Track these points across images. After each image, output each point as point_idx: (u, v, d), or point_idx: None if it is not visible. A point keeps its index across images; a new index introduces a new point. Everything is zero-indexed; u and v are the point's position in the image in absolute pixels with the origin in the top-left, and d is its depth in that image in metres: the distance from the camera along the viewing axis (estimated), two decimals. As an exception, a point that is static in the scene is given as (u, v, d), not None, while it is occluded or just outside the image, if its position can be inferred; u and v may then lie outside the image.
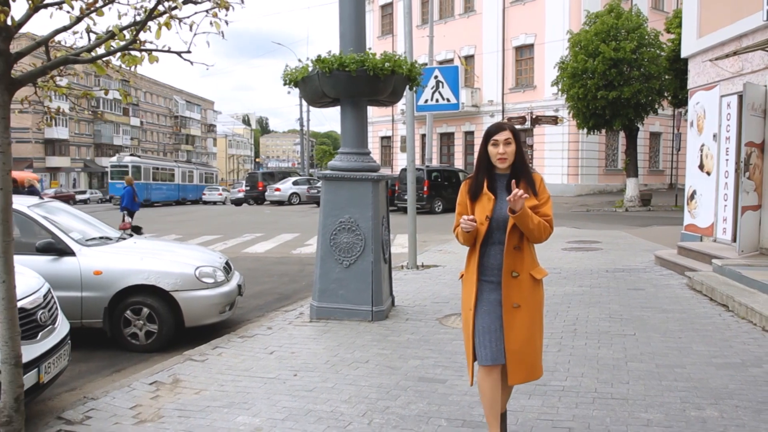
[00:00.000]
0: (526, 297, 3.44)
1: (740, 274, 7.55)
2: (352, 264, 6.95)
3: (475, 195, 3.49)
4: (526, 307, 3.43)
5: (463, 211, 3.52)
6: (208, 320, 6.81)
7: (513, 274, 3.41)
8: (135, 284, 6.50)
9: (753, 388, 4.63)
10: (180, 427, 4.20)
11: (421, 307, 7.69)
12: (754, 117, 8.44)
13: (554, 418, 4.17)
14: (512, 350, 3.40)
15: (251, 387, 4.97)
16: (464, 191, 3.55)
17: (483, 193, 3.45)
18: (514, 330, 3.40)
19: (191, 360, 5.74)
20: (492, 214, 3.41)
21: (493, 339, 3.42)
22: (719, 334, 6.12)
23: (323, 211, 7.07)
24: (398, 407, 4.43)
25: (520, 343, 3.41)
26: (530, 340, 3.45)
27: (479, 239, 3.46)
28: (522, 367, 3.43)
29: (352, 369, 5.33)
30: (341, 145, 7.34)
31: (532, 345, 3.46)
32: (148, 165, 46.90)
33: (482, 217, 3.42)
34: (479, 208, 3.46)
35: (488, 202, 3.43)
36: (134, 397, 4.83)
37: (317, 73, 6.67)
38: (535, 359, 3.50)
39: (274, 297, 9.23)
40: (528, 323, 3.43)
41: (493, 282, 3.46)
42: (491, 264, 3.46)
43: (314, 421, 4.22)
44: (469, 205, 3.51)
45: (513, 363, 3.42)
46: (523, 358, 3.42)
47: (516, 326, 3.40)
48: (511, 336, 3.40)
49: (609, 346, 5.82)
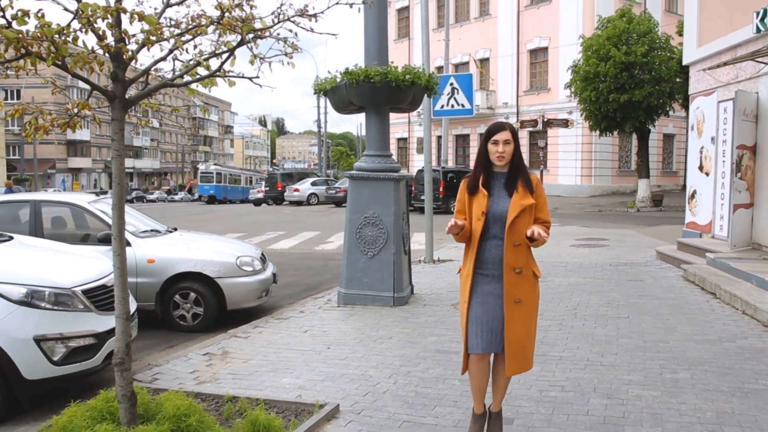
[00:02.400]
0: (527, 293, 3.58)
1: (729, 266, 8.26)
2: (375, 255, 7.74)
3: (473, 191, 3.63)
4: (526, 303, 3.57)
5: (462, 208, 3.68)
6: (248, 304, 7.64)
7: (516, 271, 3.53)
8: (183, 271, 7.33)
9: (723, 357, 5.39)
10: (235, 386, 5.00)
11: (437, 295, 8.46)
12: (745, 122, 9.14)
13: (550, 379, 4.95)
14: (512, 342, 3.54)
15: (291, 357, 5.77)
16: (463, 188, 3.70)
17: (479, 190, 3.60)
18: (515, 324, 3.53)
19: (235, 337, 6.55)
20: (488, 210, 3.56)
21: (485, 329, 3.56)
22: (703, 317, 6.86)
23: (350, 208, 7.87)
24: (419, 372, 5.22)
25: (520, 337, 3.55)
26: (528, 334, 3.61)
27: (476, 234, 3.59)
28: (519, 360, 3.57)
29: (378, 343, 6.13)
30: (366, 147, 8.14)
31: (530, 339, 3.64)
32: (226, 172, 55.75)
33: (479, 213, 3.57)
34: (476, 204, 3.60)
35: (484, 198, 3.57)
36: (191, 364, 5.65)
37: (345, 84, 7.48)
38: (530, 352, 3.67)
39: (302, 288, 10.04)
40: (527, 318, 3.59)
41: (488, 275, 3.59)
42: (487, 258, 3.59)
43: (348, 382, 5.02)
44: (467, 201, 3.66)
45: (511, 355, 3.55)
46: (520, 350, 3.57)
47: (516, 320, 3.54)
48: (513, 329, 3.53)
49: (604, 326, 6.58)
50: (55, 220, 7.94)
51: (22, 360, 4.36)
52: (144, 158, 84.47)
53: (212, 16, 3.43)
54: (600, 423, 4.08)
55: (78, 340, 4.68)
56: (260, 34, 3.28)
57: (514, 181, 3.57)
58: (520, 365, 3.59)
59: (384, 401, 4.57)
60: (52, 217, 7.89)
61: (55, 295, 4.65)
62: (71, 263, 5.38)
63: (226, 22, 3.18)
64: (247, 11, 3.21)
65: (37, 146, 59.07)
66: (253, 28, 3.21)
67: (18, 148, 60.68)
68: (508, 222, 3.50)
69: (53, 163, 65.54)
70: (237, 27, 3.22)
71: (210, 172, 54.31)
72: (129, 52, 3.35)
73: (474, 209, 3.60)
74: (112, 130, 3.47)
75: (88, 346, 4.74)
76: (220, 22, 3.21)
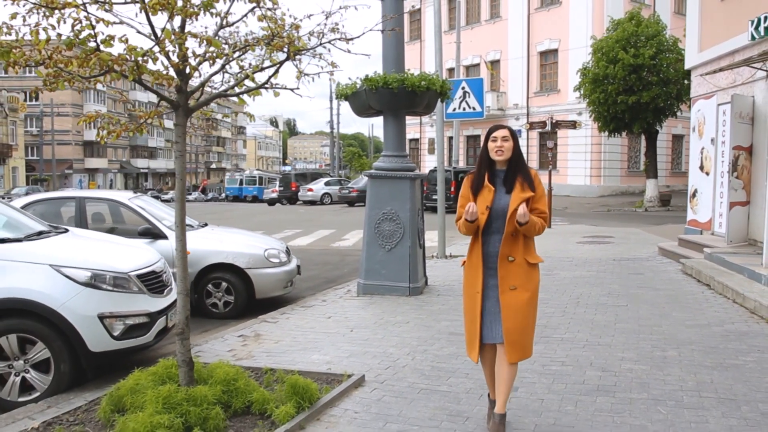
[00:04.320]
0: (521, 280, 3.72)
1: (724, 260, 8.81)
2: (392, 248, 8.35)
3: (477, 188, 3.80)
4: (522, 289, 3.71)
5: (465, 204, 3.78)
6: (274, 293, 8.27)
7: (509, 259, 3.71)
8: (216, 262, 7.97)
9: (710, 339, 5.96)
10: (269, 361, 5.61)
11: (450, 286, 9.05)
12: (741, 124, 9.67)
13: (552, 356, 5.53)
14: (509, 329, 3.69)
15: (318, 338, 6.38)
16: (467, 185, 3.85)
17: (484, 186, 3.76)
18: (511, 310, 3.69)
19: (265, 322, 7.17)
20: (492, 205, 3.73)
21: (494, 320, 3.76)
22: (697, 305, 7.42)
23: (369, 204, 8.48)
24: (434, 350, 5.83)
25: (517, 323, 3.69)
26: (525, 320, 3.74)
27: (480, 229, 3.77)
28: (517, 346, 3.72)
29: (396, 327, 6.73)
30: (383, 149, 8.76)
31: (528, 325, 3.77)
32: (264, 175, 59.55)
33: (483, 208, 3.73)
34: (480, 199, 3.76)
35: (488, 194, 3.74)
36: (228, 344, 6.27)
37: (365, 89, 8.09)
38: (529, 339, 3.81)
39: (322, 281, 10.65)
40: (524, 304, 3.71)
41: (492, 268, 3.77)
42: (491, 251, 3.77)
43: (371, 358, 5.62)
44: (471, 198, 3.81)
45: (510, 342, 3.70)
46: (518, 337, 3.71)
47: (513, 307, 3.69)
48: (509, 316, 3.68)
49: (604, 313, 7.15)
50: (95, 215, 8.60)
51: (88, 334, 4.99)
52: (158, 159, 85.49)
53: (260, 36, 4.05)
54: (594, 390, 4.67)
55: (134, 318, 5.31)
56: (303, 53, 3.89)
57: (513, 177, 3.75)
58: (521, 352, 3.74)
59: (404, 373, 5.17)
60: (92, 212, 8.55)
61: (114, 278, 5.28)
62: (123, 252, 6.02)
63: (276, 44, 3.79)
64: (294, 35, 3.82)
65: (55, 147, 60.20)
66: (298, 49, 3.82)
67: (36, 149, 61.83)
68: (509, 214, 3.67)
69: (70, 163, 66.63)
70: (284, 47, 3.83)
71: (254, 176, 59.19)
72: (192, 69, 3.96)
73: (478, 205, 3.75)
74: (176, 134, 4.11)
75: (142, 324, 5.37)
76: (270, 44, 3.82)
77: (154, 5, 3.32)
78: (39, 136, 60.48)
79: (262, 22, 3.74)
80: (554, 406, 4.38)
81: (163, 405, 3.97)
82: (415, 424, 4.12)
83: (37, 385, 4.97)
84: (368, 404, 4.49)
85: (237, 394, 4.33)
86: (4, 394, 4.91)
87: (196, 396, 4.08)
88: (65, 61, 3.72)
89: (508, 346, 3.71)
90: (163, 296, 5.80)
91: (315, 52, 3.96)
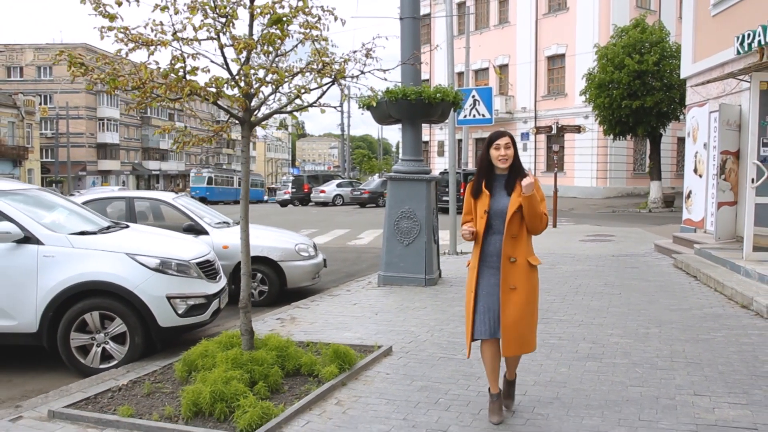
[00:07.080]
0: (522, 280, 3.91)
1: (710, 254, 9.68)
2: (410, 243, 9.27)
3: (477, 193, 4.02)
4: (522, 289, 3.90)
5: (469, 209, 4.07)
6: (303, 284, 9.21)
7: (511, 260, 3.88)
8: (252, 256, 8.87)
9: (689, 320, 6.86)
10: (308, 338, 6.51)
11: (461, 279, 9.96)
12: (729, 131, 10.54)
13: (551, 333, 6.44)
14: (506, 326, 3.90)
15: (347, 320, 7.31)
16: (468, 192, 4.07)
17: (482, 192, 3.98)
18: (509, 308, 3.89)
19: (298, 308, 8.11)
20: (490, 208, 3.94)
21: (492, 318, 3.96)
22: (682, 293, 8.32)
23: (389, 204, 9.41)
24: (449, 329, 6.74)
25: (514, 320, 3.90)
26: (523, 318, 3.93)
27: (480, 230, 3.97)
28: (514, 342, 3.94)
29: (415, 311, 7.66)
30: (401, 153, 9.70)
31: (526, 322, 3.96)
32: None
33: (482, 212, 3.95)
34: (480, 204, 3.98)
35: (486, 198, 3.95)
36: (269, 325, 7.20)
37: (386, 101, 9.01)
38: (529, 335, 4.01)
39: (343, 275, 11.58)
40: (522, 303, 3.91)
41: (493, 267, 3.95)
42: (492, 251, 3.97)
43: (395, 335, 6.54)
44: (472, 202, 4.04)
45: (506, 337, 3.92)
46: (515, 334, 3.91)
47: (511, 305, 3.89)
48: (507, 313, 3.89)
49: (599, 300, 8.06)
50: (140, 213, 9.55)
51: (158, 311, 5.94)
52: (170, 160, 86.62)
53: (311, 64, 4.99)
54: (584, 357, 5.58)
55: (194, 299, 6.25)
56: (345, 78, 4.84)
57: (513, 181, 3.94)
58: (517, 347, 3.97)
59: (425, 346, 6.09)
60: (139, 210, 9.51)
61: (178, 264, 6.23)
62: (181, 243, 6.97)
63: (326, 71, 4.73)
64: (344, 66, 4.77)
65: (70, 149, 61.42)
66: (344, 76, 4.77)
67: (51, 151, 63.05)
68: (508, 216, 3.87)
69: (84, 165, 67.85)
70: (331, 74, 4.77)
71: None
72: (256, 92, 4.91)
73: (478, 209, 3.99)
74: (242, 144, 5.04)
75: (200, 305, 6.31)
76: (321, 71, 4.76)
77: (240, 47, 4.26)
78: (54, 139, 61.70)
79: (315, 56, 4.67)
80: (551, 368, 5.30)
81: (232, 364, 4.90)
82: (436, 381, 5.05)
83: (115, 354, 5.92)
84: (397, 368, 5.42)
85: (288, 358, 5.26)
86: (88, 362, 5.87)
87: (258, 358, 5.01)
88: (156, 86, 4.67)
89: (504, 341, 3.95)
90: (215, 282, 6.75)
91: (356, 79, 4.90)
